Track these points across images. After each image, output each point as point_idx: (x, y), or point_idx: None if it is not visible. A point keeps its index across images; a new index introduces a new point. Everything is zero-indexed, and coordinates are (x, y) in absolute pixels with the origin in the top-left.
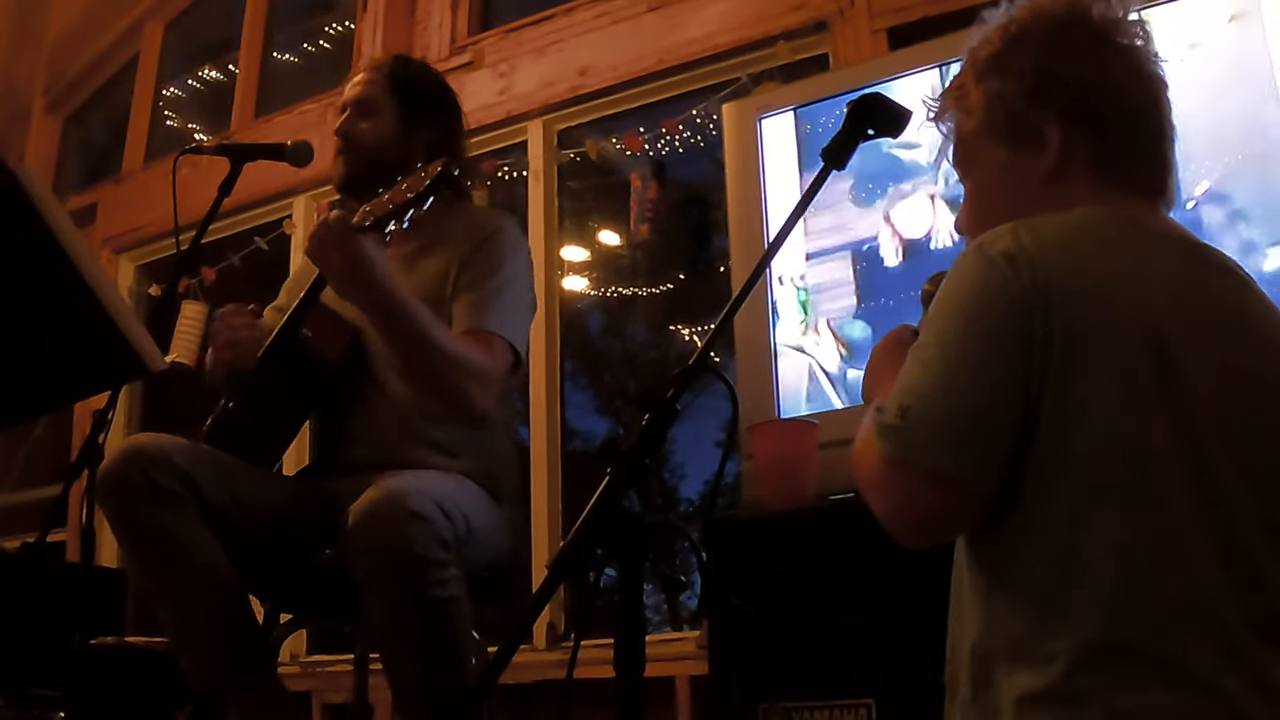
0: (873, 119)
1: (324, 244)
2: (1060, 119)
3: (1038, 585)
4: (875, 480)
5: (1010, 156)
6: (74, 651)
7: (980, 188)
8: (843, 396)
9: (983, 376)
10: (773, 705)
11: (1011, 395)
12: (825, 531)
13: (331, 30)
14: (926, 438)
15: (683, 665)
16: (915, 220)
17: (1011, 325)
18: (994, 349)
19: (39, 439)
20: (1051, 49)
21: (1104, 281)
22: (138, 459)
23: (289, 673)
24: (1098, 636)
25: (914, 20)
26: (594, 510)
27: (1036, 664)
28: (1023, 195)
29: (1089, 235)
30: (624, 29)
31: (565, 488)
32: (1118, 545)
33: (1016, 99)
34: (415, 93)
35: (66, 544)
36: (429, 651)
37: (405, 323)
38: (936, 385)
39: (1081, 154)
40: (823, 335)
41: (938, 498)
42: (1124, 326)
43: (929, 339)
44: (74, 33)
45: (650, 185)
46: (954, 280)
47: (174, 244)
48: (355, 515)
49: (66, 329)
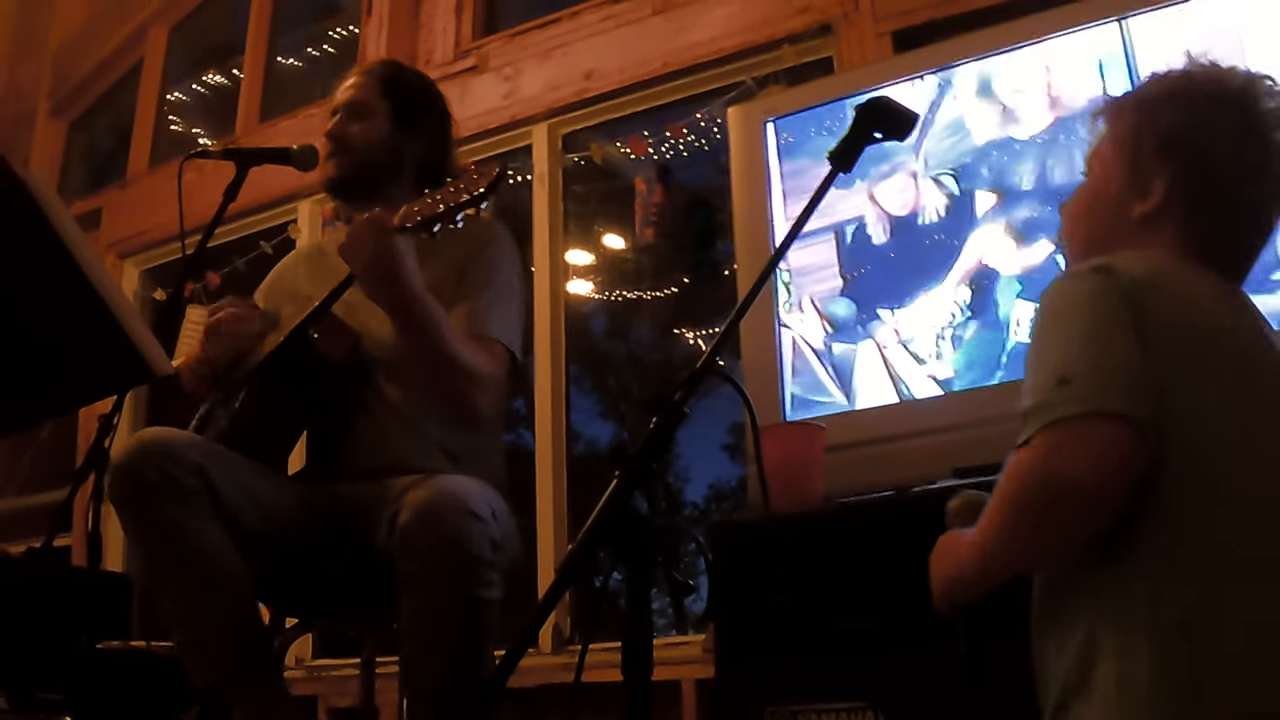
0: (880, 122)
1: (360, 241)
2: (1170, 182)
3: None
4: (1040, 457)
5: (1122, 185)
6: (80, 655)
7: (1091, 195)
8: (829, 370)
9: (1121, 339)
10: (779, 708)
11: (1142, 356)
12: (832, 535)
13: (336, 35)
14: (1100, 387)
15: (689, 669)
16: (899, 198)
17: (1125, 314)
18: (1118, 329)
19: (44, 444)
20: (1199, 120)
21: (1186, 296)
22: (154, 453)
23: (294, 677)
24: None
25: (919, 23)
26: (602, 514)
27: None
28: (1117, 222)
29: (1164, 266)
30: (629, 32)
31: (570, 492)
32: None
33: (1148, 144)
34: (407, 98)
35: (72, 548)
36: (460, 651)
37: (428, 327)
38: (1082, 354)
39: (1174, 218)
40: (807, 313)
41: (1122, 440)
42: (1214, 323)
43: (1044, 340)
44: (78, 38)
45: (655, 189)
46: (1056, 296)
47: (179, 249)
48: (412, 511)
49: (73, 334)
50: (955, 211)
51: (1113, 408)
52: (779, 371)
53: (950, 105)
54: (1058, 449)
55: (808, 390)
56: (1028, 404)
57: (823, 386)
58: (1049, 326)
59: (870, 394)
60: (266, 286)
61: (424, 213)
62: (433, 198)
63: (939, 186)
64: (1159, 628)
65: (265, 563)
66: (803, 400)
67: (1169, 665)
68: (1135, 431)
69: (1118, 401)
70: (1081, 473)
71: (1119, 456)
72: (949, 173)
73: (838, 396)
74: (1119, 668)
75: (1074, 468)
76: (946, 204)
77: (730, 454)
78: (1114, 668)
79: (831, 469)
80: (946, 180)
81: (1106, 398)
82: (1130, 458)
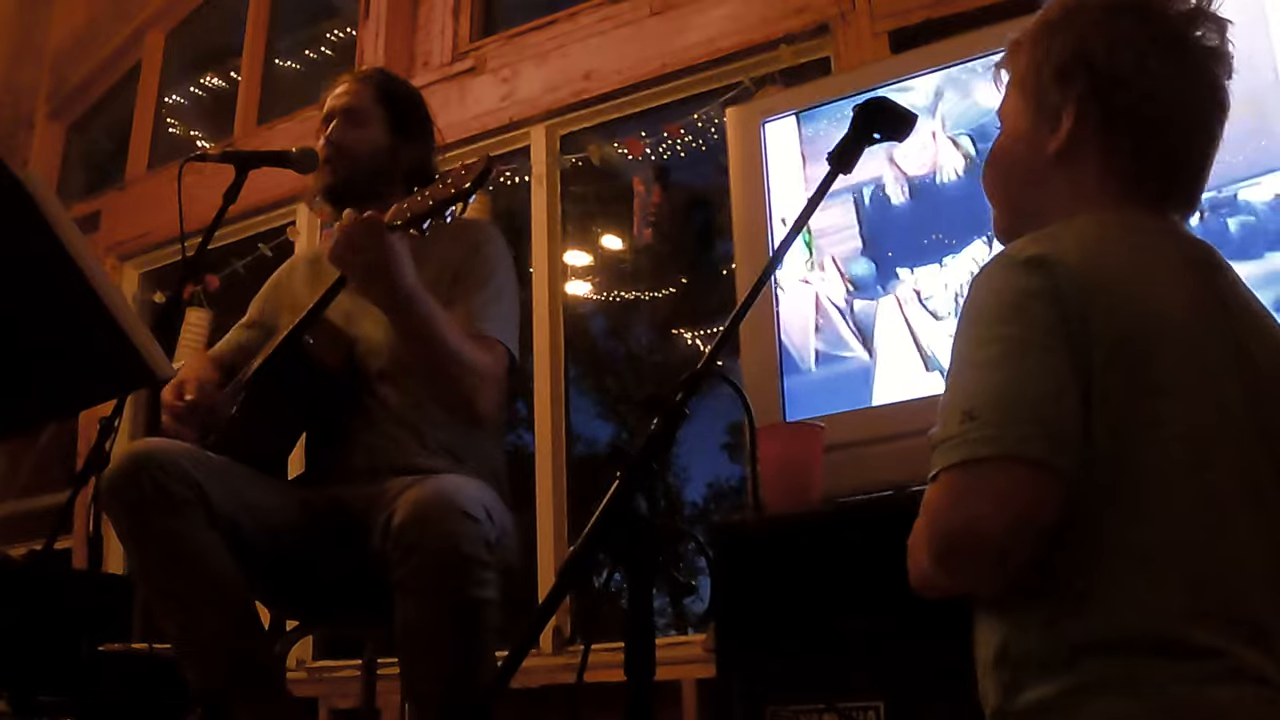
0: (879, 122)
1: (354, 242)
2: (1077, 106)
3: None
4: (946, 505)
5: (1031, 126)
6: (81, 658)
7: (1003, 146)
8: (851, 326)
9: (1041, 365)
10: (780, 708)
11: (1070, 382)
12: (832, 534)
13: (333, 37)
14: (1001, 428)
15: (689, 669)
16: (918, 158)
17: (1057, 328)
18: (1042, 347)
19: (44, 446)
20: (1094, 34)
21: (1129, 283)
22: (147, 465)
23: (296, 678)
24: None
25: (915, 23)
26: (603, 514)
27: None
28: (1033, 166)
29: (1101, 242)
30: (626, 33)
31: (570, 493)
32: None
33: (1046, 75)
34: (402, 105)
35: (73, 551)
36: (457, 653)
37: (426, 325)
38: (996, 383)
39: (1092, 145)
40: (828, 271)
41: (1032, 487)
42: (1157, 324)
43: (964, 354)
44: (76, 41)
45: (653, 189)
46: (985, 291)
47: (178, 251)
48: (405, 513)
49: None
50: (973, 172)
51: (1020, 452)
52: (778, 371)
53: (963, 75)
54: (962, 498)
55: (831, 346)
56: (936, 433)
57: (845, 342)
58: (968, 332)
59: (891, 349)
60: (263, 296)
61: (414, 209)
62: (421, 194)
63: (956, 146)
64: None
65: (264, 568)
66: (826, 355)
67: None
68: (1049, 475)
69: (1027, 445)
70: (987, 524)
71: (1027, 504)
72: (966, 133)
73: (859, 351)
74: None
75: (979, 519)
76: (964, 164)
77: (730, 453)
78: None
79: (831, 469)
80: (964, 141)
81: (1015, 442)
82: (1041, 503)
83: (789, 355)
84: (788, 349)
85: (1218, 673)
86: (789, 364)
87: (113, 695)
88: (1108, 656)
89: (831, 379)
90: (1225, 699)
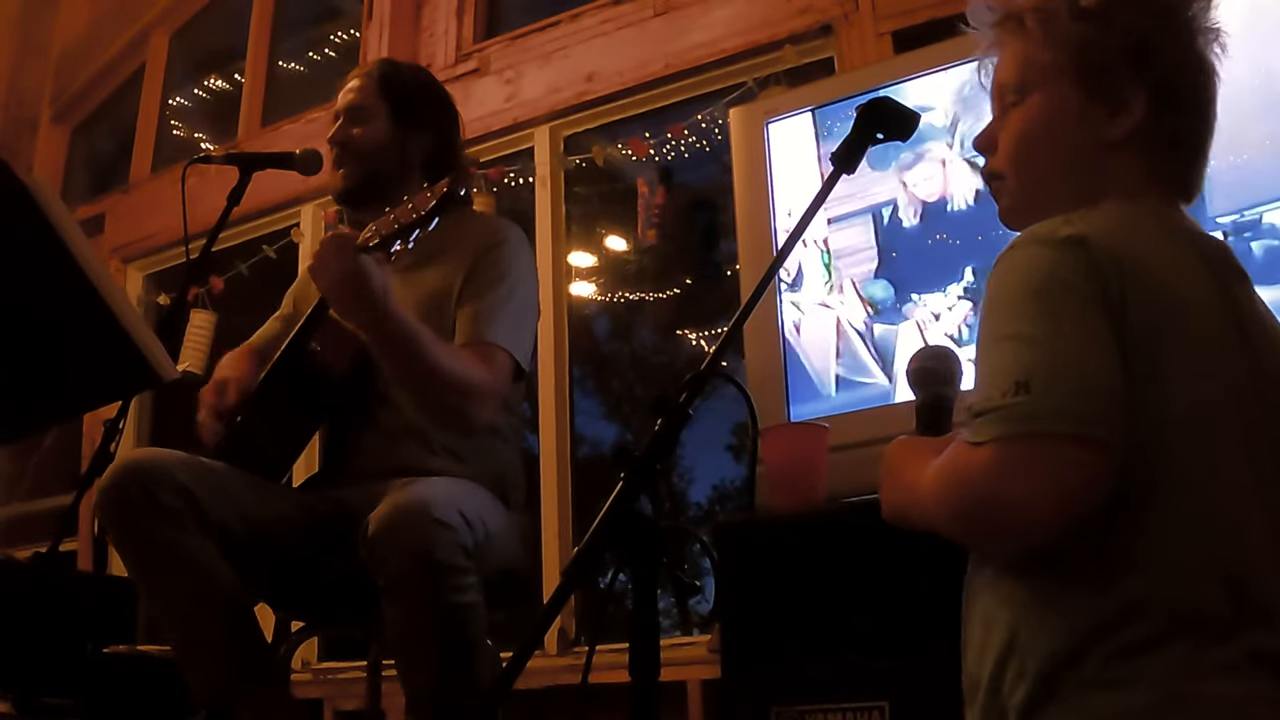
0: (882, 122)
1: (325, 261)
2: (1149, 92)
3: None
4: (994, 475)
5: (1084, 105)
6: (86, 660)
7: (1032, 119)
8: (872, 351)
9: (1096, 343)
10: (785, 708)
11: (1119, 363)
12: (837, 534)
13: (337, 39)
14: (1060, 402)
15: (694, 669)
16: (928, 183)
17: (1100, 305)
18: (1091, 323)
19: (49, 449)
20: (1157, 23)
21: (1159, 272)
22: (137, 475)
23: (301, 680)
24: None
25: (919, 23)
26: (608, 515)
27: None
28: (1078, 145)
29: (1134, 231)
30: (630, 34)
31: (574, 494)
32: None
33: (1117, 54)
34: (405, 94)
35: (78, 553)
36: (446, 657)
37: (403, 344)
38: (1048, 356)
39: (1147, 133)
40: (847, 294)
41: (1088, 469)
42: (1182, 313)
43: (1005, 327)
44: (80, 43)
45: (657, 190)
46: (1025, 268)
47: (182, 253)
48: (377, 522)
49: (78, 339)
50: (987, 199)
51: (1078, 430)
52: (783, 372)
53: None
54: (1015, 473)
55: (851, 371)
56: (980, 403)
57: (865, 367)
58: (1009, 307)
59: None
60: (296, 288)
61: (381, 231)
62: (392, 214)
63: (974, 169)
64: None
65: (265, 571)
66: (846, 381)
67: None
68: (1104, 458)
69: (1085, 422)
70: (1033, 497)
71: (1081, 483)
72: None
73: (880, 377)
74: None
75: (1025, 491)
76: (978, 189)
77: (734, 454)
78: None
79: (835, 469)
80: (980, 163)
81: (1072, 418)
82: (1094, 484)
83: (809, 380)
84: (808, 374)
85: (1236, 659)
86: (809, 389)
87: (117, 697)
88: (1131, 632)
89: (851, 404)
90: (1242, 694)
